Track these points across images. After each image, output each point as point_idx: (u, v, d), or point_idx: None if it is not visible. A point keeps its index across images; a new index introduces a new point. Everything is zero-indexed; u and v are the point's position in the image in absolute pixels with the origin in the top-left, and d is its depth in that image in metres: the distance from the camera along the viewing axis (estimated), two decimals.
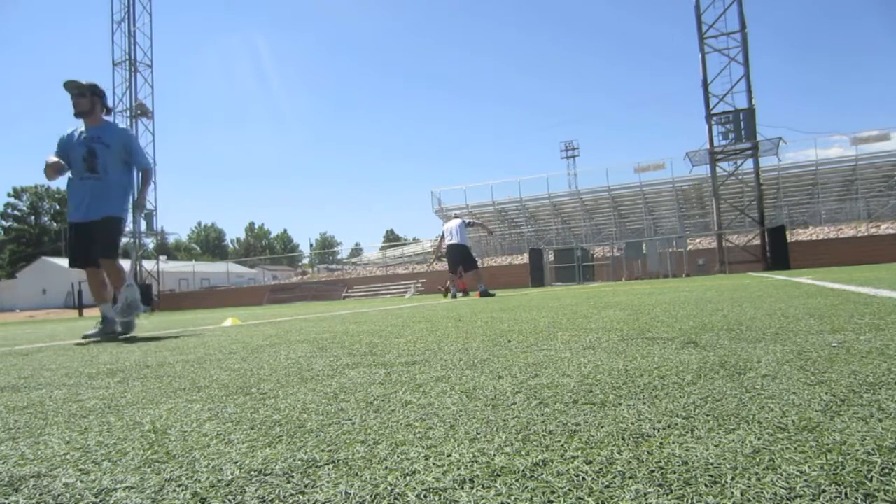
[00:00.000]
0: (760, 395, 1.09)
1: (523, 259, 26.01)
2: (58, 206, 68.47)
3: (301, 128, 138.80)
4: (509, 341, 2.25)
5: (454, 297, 10.14)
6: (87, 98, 4.21)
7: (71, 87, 4.18)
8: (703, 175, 29.28)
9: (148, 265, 27.15)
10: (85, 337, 4.07)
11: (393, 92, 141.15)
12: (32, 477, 0.85)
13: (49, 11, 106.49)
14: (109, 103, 4.44)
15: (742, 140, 20.57)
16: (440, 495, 0.68)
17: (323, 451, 0.89)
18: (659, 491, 0.66)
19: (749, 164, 21.57)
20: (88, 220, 4.17)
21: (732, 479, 0.68)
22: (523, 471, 0.75)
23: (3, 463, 0.94)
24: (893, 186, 31.93)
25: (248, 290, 30.38)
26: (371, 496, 0.69)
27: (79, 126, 4.28)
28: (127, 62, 25.60)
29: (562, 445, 0.85)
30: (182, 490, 0.76)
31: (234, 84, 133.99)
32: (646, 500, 0.64)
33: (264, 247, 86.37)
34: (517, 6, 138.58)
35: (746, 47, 20.63)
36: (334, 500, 0.69)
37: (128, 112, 25.47)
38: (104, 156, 4.20)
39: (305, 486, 0.74)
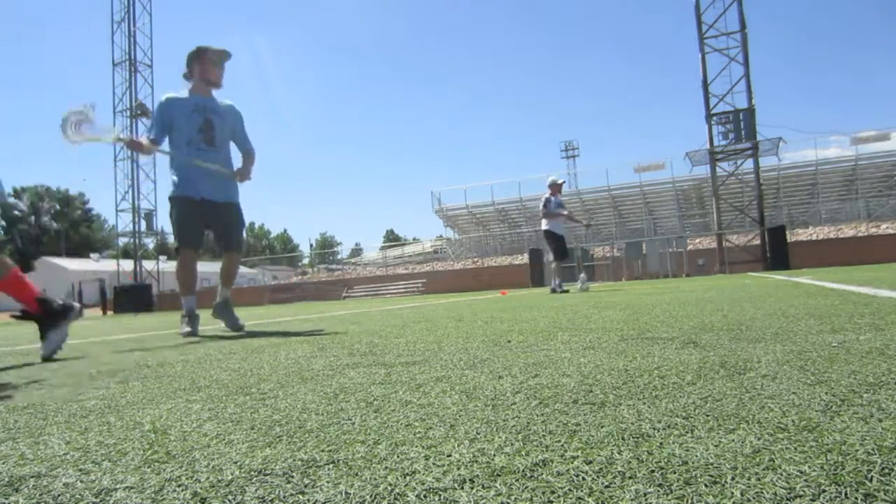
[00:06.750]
0: (760, 395, 1.09)
1: (523, 259, 25.98)
2: (58, 206, 68.42)
3: (301, 128, 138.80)
4: (509, 341, 2.25)
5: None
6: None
7: (225, 56, 3.94)
8: (703, 175, 29.31)
9: (148, 265, 27.11)
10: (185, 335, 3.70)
11: (393, 92, 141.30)
12: (32, 477, 0.85)
13: (49, 11, 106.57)
14: (109, 103, 4.39)
15: (742, 140, 20.58)
16: (440, 495, 0.68)
17: (323, 451, 0.89)
18: (659, 491, 0.66)
19: (749, 164, 21.57)
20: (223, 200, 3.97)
21: (732, 479, 0.68)
22: (523, 471, 0.75)
23: (3, 463, 0.94)
24: (893, 186, 31.95)
25: (249, 291, 30.31)
26: (371, 496, 0.69)
27: (181, 92, 3.90)
28: (127, 62, 25.53)
29: (562, 445, 0.85)
30: (182, 490, 0.76)
31: (234, 84, 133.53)
32: (646, 500, 0.64)
33: (264, 247, 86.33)
34: (517, 6, 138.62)
35: (746, 47, 20.63)
36: (334, 500, 0.69)
37: (128, 112, 25.41)
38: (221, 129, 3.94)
39: (305, 486, 0.74)
